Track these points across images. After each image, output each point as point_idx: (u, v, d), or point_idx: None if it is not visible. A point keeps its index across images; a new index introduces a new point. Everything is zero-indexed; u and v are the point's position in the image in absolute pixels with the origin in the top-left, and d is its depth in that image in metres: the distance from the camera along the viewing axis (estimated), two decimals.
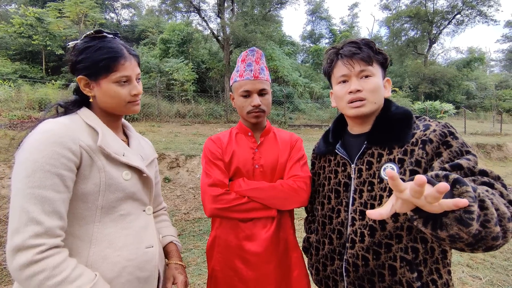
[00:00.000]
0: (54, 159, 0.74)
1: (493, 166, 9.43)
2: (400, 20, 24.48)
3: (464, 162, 0.76)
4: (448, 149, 0.83)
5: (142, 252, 0.88)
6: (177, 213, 4.27)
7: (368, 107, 0.96)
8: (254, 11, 15.54)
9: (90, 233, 0.81)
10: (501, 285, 2.51)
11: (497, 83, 29.53)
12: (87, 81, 0.89)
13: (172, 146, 6.70)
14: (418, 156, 0.85)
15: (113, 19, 26.21)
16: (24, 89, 10.25)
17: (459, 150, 0.82)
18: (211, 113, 12.42)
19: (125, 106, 0.91)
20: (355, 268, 0.94)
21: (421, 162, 0.85)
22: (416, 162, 0.85)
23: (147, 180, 0.97)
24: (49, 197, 0.72)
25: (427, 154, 0.84)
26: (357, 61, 0.95)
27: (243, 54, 1.21)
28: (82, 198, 0.80)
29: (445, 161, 0.81)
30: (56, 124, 0.79)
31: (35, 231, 0.69)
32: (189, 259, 2.90)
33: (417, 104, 16.14)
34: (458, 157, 0.81)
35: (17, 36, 14.53)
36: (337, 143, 1.08)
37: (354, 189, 0.98)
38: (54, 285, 0.68)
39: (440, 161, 0.82)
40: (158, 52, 16.69)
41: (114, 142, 0.89)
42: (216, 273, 1.16)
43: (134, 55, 0.93)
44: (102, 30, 0.91)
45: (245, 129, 1.23)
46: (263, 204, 1.11)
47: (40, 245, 0.69)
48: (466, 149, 0.83)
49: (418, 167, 0.85)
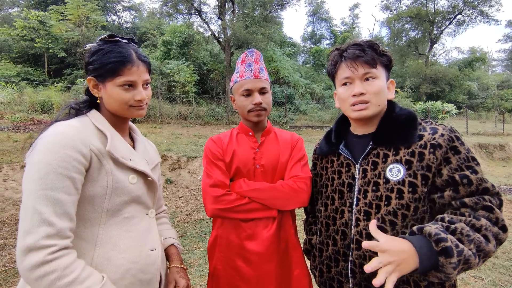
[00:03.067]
0: (66, 162, 0.75)
1: (496, 166, 9.39)
2: (401, 21, 24.46)
3: (473, 178, 0.83)
4: (457, 155, 0.86)
5: (145, 255, 0.89)
6: (179, 214, 4.28)
7: (372, 109, 0.96)
8: (255, 13, 15.57)
9: (95, 235, 0.83)
10: (503, 285, 2.50)
11: (499, 83, 29.40)
12: (95, 82, 0.91)
13: (173, 147, 6.73)
14: (429, 161, 0.87)
15: (114, 22, 26.34)
16: (27, 91, 10.33)
17: (466, 157, 0.86)
18: (213, 114, 12.45)
19: (128, 109, 0.92)
20: (362, 269, 0.94)
21: (432, 167, 0.87)
22: (427, 166, 0.87)
23: (152, 184, 0.98)
24: (60, 199, 0.73)
25: (437, 159, 0.87)
26: (361, 64, 0.95)
27: (242, 56, 1.23)
28: (89, 200, 0.82)
29: (454, 168, 0.85)
30: (68, 127, 0.80)
31: (47, 232, 0.70)
32: (191, 260, 2.91)
33: (418, 104, 16.06)
34: (465, 163, 0.85)
35: (19, 39, 14.64)
36: (340, 144, 1.07)
37: (358, 190, 0.98)
38: (65, 285, 0.70)
39: (449, 167, 0.86)
40: (160, 54, 16.76)
41: (122, 146, 0.90)
42: (218, 272, 1.17)
43: (144, 61, 0.93)
44: (116, 35, 0.93)
45: (246, 129, 1.24)
46: (263, 205, 1.12)
47: (51, 246, 0.70)
48: (471, 155, 0.87)
49: (429, 171, 0.87)
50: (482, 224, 0.78)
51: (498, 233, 0.79)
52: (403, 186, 0.89)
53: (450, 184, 0.84)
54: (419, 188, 0.87)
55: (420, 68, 23.72)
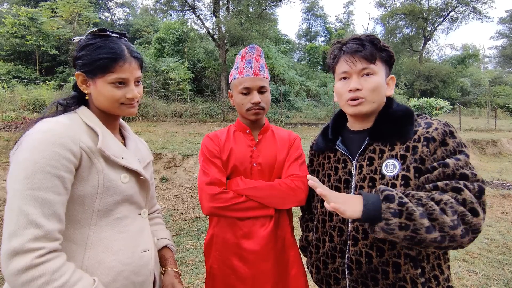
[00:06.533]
0: (54, 160, 0.71)
1: (488, 162, 9.53)
2: (395, 18, 24.62)
3: (451, 162, 0.81)
4: (443, 147, 0.85)
5: (138, 256, 0.87)
6: (174, 213, 4.25)
7: (367, 106, 0.96)
8: (250, 9, 15.49)
9: (85, 237, 0.80)
10: (497, 279, 2.54)
11: (491, 80, 29.74)
12: (84, 78, 0.87)
13: (168, 146, 6.67)
14: (423, 154, 0.86)
15: (107, 19, 25.98)
16: (18, 90, 10.14)
17: (453, 149, 0.85)
18: (208, 112, 12.38)
19: (119, 107, 0.89)
20: (358, 265, 0.94)
21: (425, 160, 0.86)
22: (420, 159, 0.87)
23: (144, 183, 0.95)
24: (49, 200, 0.70)
25: (430, 152, 0.86)
26: (359, 59, 0.93)
27: (242, 51, 1.20)
28: (79, 200, 0.79)
29: (437, 159, 0.84)
30: (56, 124, 0.76)
31: (35, 234, 0.66)
32: (187, 258, 2.88)
33: (412, 101, 16.20)
34: (450, 156, 0.84)
35: (9, 37, 14.34)
36: (337, 140, 1.07)
37: (355, 186, 0.98)
38: None
39: (433, 158, 0.85)
40: (154, 52, 16.57)
41: (113, 144, 0.87)
42: (214, 271, 1.15)
43: (136, 57, 0.90)
44: (106, 29, 0.88)
45: (243, 127, 1.23)
46: (260, 203, 1.10)
47: (39, 249, 0.66)
48: (460, 148, 0.86)
49: (422, 164, 0.87)
50: (442, 198, 0.76)
51: (465, 214, 0.74)
52: (397, 181, 0.89)
53: (429, 170, 0.84)
54: (411, 181, 0.87)
55: (414, 65, 23.91)
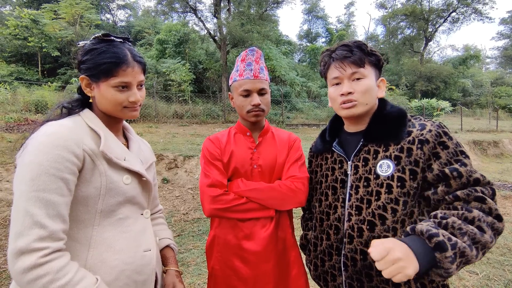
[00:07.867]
0: (58, 163, 0.74)
1: (490, 162, 9.50)
2: (396, 19, 24.59)
3: (463, 171, 0.84)
4: (445, 150, 0.88)
5: (140, 256, 0.89)
6: (176, 213, 4.27)
7: (359, 108, 0.99)
8: (251, 11, 15.54)
9: (88, 237, 0.82)
10: (497, 280, 2.54)
11: (493, 80, 29.65)
12: (88, 81, 0.90)
13: (170, 147, 6.70)
14: (417, 156, 0.89)
15: (109, 20, 26.10)
16: (20, 91, 10.19)
17: (454, 151, 0.88)
18: (209, 113, 12.41)
19: (121, 111, 0.91)
20: (353, 262, 0.97)
21: (419, 162, 0.89)
22: (415, 161, 0.90)
23: (146, 184, 0.97)
24: (53, 201, 0.72)
25: (425, 154, 0.89)
26: (348, 64, 0.98)
27: (242, 54, 1.22)
28: (82, 201, 0.81)
29: (443, 163, 0.87)
30: (60, 127, 0.79)
31: (40, 234, 0.69)
32: (189, 259, 2.90)
33: (414, 102, 16.18)
34: (454, 157, 0.87)
35: (12, 38, 14.43)
36: (334, 141, 1.11)
37: (350, 185, 1.00)
38: None
39: (439, 162, 0.88)
40: (155, 53, 16.64)
41: (115, 146, 0.89)
42: (216, 272, 1.17)
43: (139, 61, 0.92)
44: (110, 34, 0.91)
45: (244, 129, 1.24)
46: (261, 205, 1.12)
47: (44, 249, 0.69)
48: (460, 149, 0.89)
49: (416, 166, 0.90)
50: (474, 215, 0.78)
51: (493, 222, 0.79)
52: (392, 181, 0.91)
53: (441, 178, 0.86)
54: (407, 183, 0.90)
55: (415, 66, 23.87)
